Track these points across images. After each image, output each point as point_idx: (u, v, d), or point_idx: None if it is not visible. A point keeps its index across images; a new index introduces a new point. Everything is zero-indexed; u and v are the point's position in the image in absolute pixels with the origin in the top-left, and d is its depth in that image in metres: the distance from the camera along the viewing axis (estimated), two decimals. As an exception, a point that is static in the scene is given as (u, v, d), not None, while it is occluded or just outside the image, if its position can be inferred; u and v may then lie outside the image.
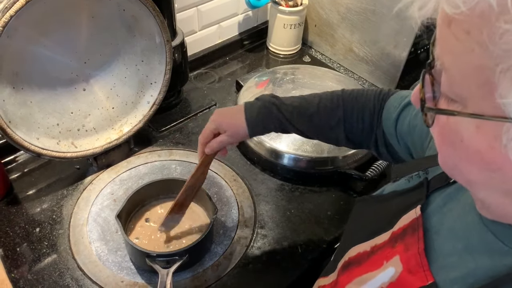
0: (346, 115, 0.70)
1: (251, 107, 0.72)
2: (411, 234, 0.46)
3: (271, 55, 1.38)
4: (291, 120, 0.71)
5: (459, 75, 0.31)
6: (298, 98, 0.73)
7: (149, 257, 0.76)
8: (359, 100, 0.71)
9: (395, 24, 1.13)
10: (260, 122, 0.71)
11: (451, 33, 0.30)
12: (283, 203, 0.94)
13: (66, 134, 0.91)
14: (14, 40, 0.76)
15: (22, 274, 0.80)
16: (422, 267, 0.43)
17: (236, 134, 0.72)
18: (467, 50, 0.29)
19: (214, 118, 0.73)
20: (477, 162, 0.33)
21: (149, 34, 0.92)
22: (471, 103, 0.31)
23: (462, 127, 0.32)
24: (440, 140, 0.36)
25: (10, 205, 0.91)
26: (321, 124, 0.71)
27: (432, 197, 0.49)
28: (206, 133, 0.73)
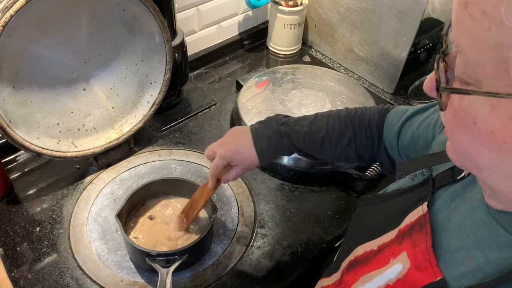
0: (355, 133, 0.72)
1: (260, 139, 0.71)
2: (418, 230, 0.46)
3: (271, 55, 1.39)
4: (303, 148, 0.72)
5: (475, 55, 0.31)
6: (306, 121, 0.73)
7: (149, 257, 0.76)
8: (365, 117, 0.73)
9: (395, 24, 1.13)
10: (272, 153, 0.72)
11: (467, 14, 0.30)
12: (283, 202, 0.94)
13: (66, 134, 0.91)
14: (14, 39, 0.76)
15: (22, 273, 0.80)
16: (430, 263, 0.43)
17: (249, 166, 0.73)
18: (484, 29, 0.29)
19: (223, 153, 0.71)
20: (489, 144, 0.33)
21: (149, 34, 0.92)
22: (486, 83, 0.31)
23: (476, 107, 0.33)
24: (453, 124, 0.36)
25: (11, 205, 0.91)
26: (332, 146, 0.72)
27: (437, 194, 0.49)
28: (218, 168, 0.73)
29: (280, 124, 0.72)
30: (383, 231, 0.52)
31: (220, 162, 0.72)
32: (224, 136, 0.75)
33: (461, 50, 0.32)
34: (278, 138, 0.71)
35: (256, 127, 0.72)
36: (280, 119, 0.73)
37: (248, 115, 1.04)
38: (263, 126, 0.72)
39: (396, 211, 0.52)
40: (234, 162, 0.72)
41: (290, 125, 0.72)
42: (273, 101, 1.07)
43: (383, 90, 1.26)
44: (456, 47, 0.33)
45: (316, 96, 1.08)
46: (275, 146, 0.71)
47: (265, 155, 0.71)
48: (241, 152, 0.71)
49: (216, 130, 1.11)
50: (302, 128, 0.71)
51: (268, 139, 0.71)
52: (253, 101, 1.08)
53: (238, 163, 0.72)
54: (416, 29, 1.09)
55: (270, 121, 0.73)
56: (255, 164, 0.73)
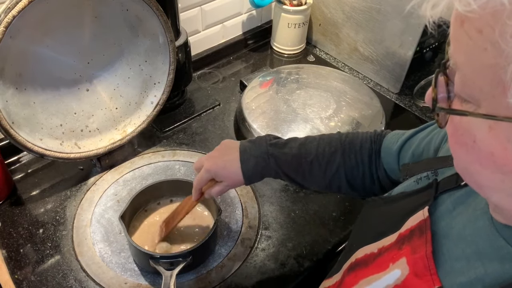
0: (345, 159, 0.69)
1: (247, 158, 0.69)
2: (418, 236, 0.45)
3: (275, 54, 1.38)
4: (289, 173, 0.70)
5: (471, 74, 0.30)
6: (296, 143, 0.70)
7: (153, 259, 0.75)
8: (356, 142, 0.70)
9: (401, 23, 1.12)
10: (257, 174, 0.70)
11: (464, 32, 0.30)
12: (288, 204, 0.94)
13: (69, 135, 0.91)
14: (17, 40, 0.76)
15: (26, 275, 0.80)
16: (429, 271, 0.42)
17: (233, 183, 0.71)
18: (480, 49, 0.28)
19: (209, 167, 0.70)
20: (489, 165, 0.33)
21: (153, 34, 0.91)
22: (484, 104, 0.30)
23: (475, 127, 0.32)
24: (454, 141, 0.36)
25: (14, 206, 0.91)
26: (321, 171, 0.69)
27: (441, 199, 0.48)
28: (202, 181, 0.72)
29: (269, 145, 0.70)
30: (384, 234, 0.52)
31: (205, 175, 0.71)
32: (214, 150, 0.73)
33: (458, 67, 0.32)
34: (265, 159, 0.69)
35: (244, 145, 0.70)
36: (270, 139, 0.71)
37: (252, 115, 1.03)
38: (252, 146, 0.70)
39: (398, 214, 0.52)
40: (219, 178, 0.71)
41: (278, 146, 0.70)
42: (277, 101, 1.07)
43: (389, 90, 1.25)
44: (453, 63, 0.32)
45: (321, 96, 1.07)
46: (261, 167, 0.69)
47: (251, 176, 0.69)
48: (228, 169, 0.70)
49: (220, 131, 1.10)
50: (291, 150, 0.69)
51: (255, 159, 0.69)
52: (257, 101, 1.07)
53: (222, 179, 0.71)
54: (421, 28, 1.08)
55: (259, 141, 0.71)
56: (240, 183, 0.70)
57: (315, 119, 1.01)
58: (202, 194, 0.75)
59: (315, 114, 1.02)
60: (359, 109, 1.05)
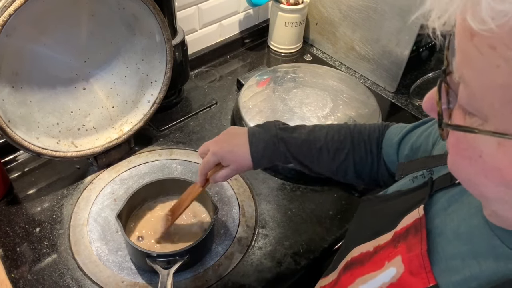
0: (354, 146, 0.70)
1: (256, 141, 0.68)
2: (414, 234, 0.46)
3: (272, 53, 1.38)
4: (298, 156, 0.69)
5: (481, 90, 0.29)
6: (305, 130, 0.71)
7: (150, 257, 0.75)
8: (364, 131, 0.71)
9: (397, 22, 1.12)
10: (266, 158, 0.69)
11: (473, 46, 0.28)
12: (285, 202, 0.94)
13: (66, 134, 0.91)
14: (13, 39, 0.76)
15: (22, 274, 0.79)
16: (424, 269, 0.42)
17: (241, 168, 0.70)
18: (492, 66, 0.27)
19: (216, 150, 0.69)
20: (494, 179, 0.32)
21: (149, 33, 0.91)
22: (492, 120, 0.29)
23: (482, 142, 0.31)
24: (455, 152, 0.35)
25: (10, 205, 0.91)
26: (329, 157, 0.70)
27: (436, 197, 0.48)
28: (208, 165, 0.71)
29: (278, 129, 0.70)
30: (380, 233, 0.52)
31: (212, 158, 0.70)
32: (220, 134, 0.73)
33: (465, 81, 0.30)
34: (275, 142, 0.69)
35: (253, 129, 0.70)
36: (279, 124, 0.71)
37: (249, 114, 1.03)
38: (261, 130, 0.70)
39: (394, 213, 0.52)
40: (225, 162, 0.70)
41: (288, 131, 0.70)
42: (274, 100, 1.07)
43: (385, 89, 1.25)
44: (459, 76, 0.31)
45: (318, 95, 1.07)
46: (271, 150, 0.69)
47: (260, 159, 0.69)
48: (235, 152, 0.69)
49: (217, 130, 1.10)
50: (300, 135, 0.69)
51: (264, 143, 0.68)
52: (254, 100, 1.07)
53: (229, 163, 0.70)
54: (418, 27, 1.09)
55: (268, 125, 0.71)
56: (247, 167, 0.70)
57: (312, 117, 1.01)
58: (207, 180, 0.74)
59: (312, 113, 1.02)
60: (356, 108, 1.06)
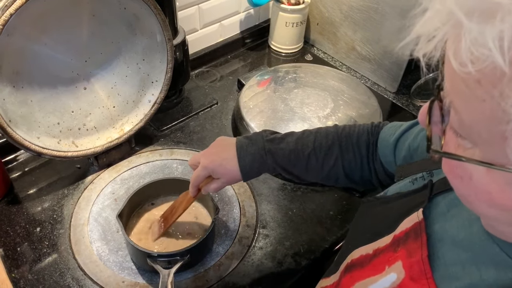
0: (342, 152, 0.69)
1: (244, 155, 0.69)
2: (413, 239, 0.45)
3: (273, 53, 1.38)
4: (286, 167, 0.70)
5: (469, 120, 0.29)
6: (293, 138, 0.70)
7: (150, 257, 0.75)
8: (353, 135, 0.70)
9: (398, 22, 1.12)
10: (255, 170, 0.70)
11: (460, 79, 0.27)
12: (285, 202, 0.94)
13: (66, 133, 0.91)
14: (14, 38, 0.76)
15: (23, 274, 0.79)
16: (425, 275, 0.42)
17: (231, 180, 0.71)
18: (478, 99, 0.27)
19: (206, 164, 0.70)
20: (486, 201, 0.32)
21: (150, 33, 0.91)
22: (481, 148, 0.29)
23: (472, 167, 0.31)
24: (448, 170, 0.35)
25: (11, 205, 0.90)
26: (318, 164, 0.69)
27: (435, 200, 0.48)
28: (199, 178, 0.72)
29: (265, 140, 0.70)
30: (380, 235, 0.51)
31: (202, 172, 0.71)
32: (210, 146, 0.73)
33: (455, 108, 0.30)
34: (262, 155, 0.69)
35: (241, 142, 0.70)
36: (266, 135, 0.71)
37: (249, 114, 1.03)
38: (248, 142, 0.70)
39: (393, 215, 0.51)
40: (216, 175, 0.71)
41: (275, 142, 0.70)
42: (275, 100, 1.07)
43: (386, 89, 1.25)
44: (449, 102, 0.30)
45: (318, 95, 1.07)
46: (258, 163, 0.69)
47: (248, 172, 0.70)
48: (224, 166, 0.69)
49: (218, 129, 1.10)
50: (288, 145, 0.69)
51: (251, 156, 0.69)
52: (254, 100, 1.07)
53: (220, 176, 0.70)
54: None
55: (256, 137, 0.71)
56: (237, 180, 0.71)
57: (313, 118, 1.01)
58: (199, 190, 0.75)
59: (313, 113, 1.02)
60: (357, 108, 1.06)
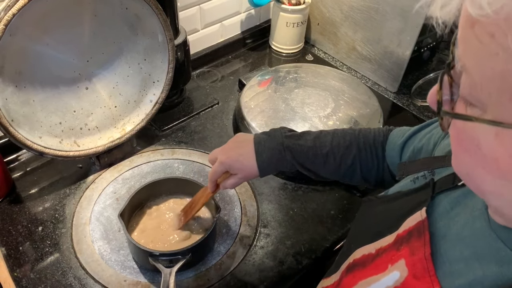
0: (360, 151, 0.70)
1: (262, 150, 0.69)
2: (417, 237, 0.45)
3: (273, 53, 1.38)
4: (304, 163, 0.70)
5: (480, 79, 0.29)
6: (311, 136, 0.71)
7: (152, 256, 0.75)
8: (369, 136, 0.71)
9: (399, 22, 1.12)
10: (272, 166, 0.70)
11: (474, 35, 0.29)
12: (286, 202, 0.94)
13: (68, 133, 0.91)
14: (17, 38, 0.76)
15: (25, 273, 0.80)
16: (428, 273, 0.42)
17: (248, 176, 0.72)
18: (491, 53, 0.28)
19: (223, 160, 0.70)
20: (492, 171, 0.32)
21: (152, 33, 0.91)
22: (491, 109, 0.30)
23: (480, 133, 0.32)
24: (456, 144, 0.35)
25: (13, 204, 0.91)
26: (336, 163, 0.70)
27: (438, 199, 0.48)
28: (216, 174, 0.72)
29: (284, 136, 0.70)
30: (382, 235, 0.52)
31: (219, 168, 0.71)
32: (228, 142, 0.74)
33: (466, 70, 0.31)
34: (281, 150, 0.69)
35: (259, 138, 0.71)
36: (285, 132, 0.71)
37: (250, 114, 1.03)
38: (267, 138, 0.71)
39: (395, 214, 0.52)
40: (233, 170, 0.71)
41: (294, 138, 0.70)
42: (275, 100, 1.07)
43: (386, 89, 1.26)
44: (461, 66, 0.31)
45: (319, 95, 1.08)
46: (276, 158, 0.69)
47: (266, 168, 0.70)
48: (242, 161, 0.70)
49: (219, 129, 1.10)
50: (306, 142, 0.70)
51: (270, 152, 0.69)
52: (255, 100, 1.08)
53: (237, 171, 0.71)
54: (419, 28, 1.09)
55: (274, 133, 0.71)
56: (254, 175, 0.71)
57: (314, 117, 1.02)
58: (218, 185, 0.75)
59: (314, 113, 1.03)
60: (357, 108, 1.06)
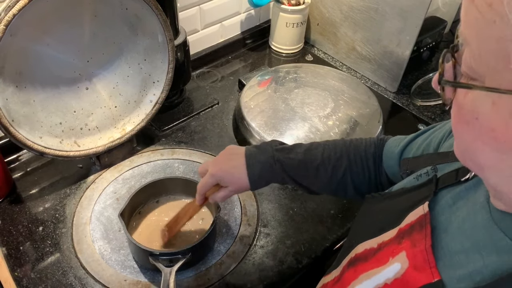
0: (351, 163, 0.70)
1: (253, 163, 0.69)
2: (418, 230, 0.46)
3: (273, 54, 1.38)
4: (295, 177, 0.70)
5: (479, 48, 0.32)
6: (301, 149, 0.71)
7: (152, 256, 0.76)
8: (360, 147, 0.71)
9: (398, 22, 1.12)
10: (263, 179, 0.70)
11: (474, 6, 0.31)
12: (286, 201, 0.94)
13: (69, 133, 0.91)
14: (17, 38, 0.76)
15: (25, 273, 0.80)
16: (428, 264, 0.43)
17: (239, 189, 0.71)
18: (489, 22, 0.30)
19: (214, 172, 0.70)
20: (489, 142, 0.34)
21: (152, 33, 0.92)
22: (488, 79, 0.32)
23: (479, 103, 0.33)
24: (457, 120, 0.37)
25: (13, 204, 0.91)
26: (327, 175, 0.70)
27: (440, 194, 0.49)
28: (207, 186, 0.72)
29: (274, 150, 0.70)
30: (384, 230, 0.52)
31: (210, 180, 0.71)
32: (219, 155, 0.73)
33: (467, 42, 0.33)
34: (272, 164, 0.69)
35: (250, 151, 0.71)
36: (275, 145, 0.71)
37: (250, 114, 1.04)
38: (258, 151, 0.70)
39: (398, 210, 0.52)
40: (224, 183, 0.71)
41: (285, 151, 0.70)
42: (275, 100, 1.07)
43: (386, 89, 1.26)
44: (463, 40, 0.34)
45: (319, 95, 1.08)
46: (267, 172, 0.69)
47: (257, 181, 0.70)
48: (233, 174, 0.70)
49: (219, 129, 1.10)
50: (297, 155, 0.70)
51: (261, 165, 0.69)
52: (255, 100, 1.08)
53: (228, 184, 0.71)
54: (419, 28, 1.09)
55: (265, 147, 0.71)
56: (245, 188, 0.71)
57: (313, 117, 1.02)
58: (206, 198, 0.74)
59: (313, 113, 1.03)
60: (357, 108, 1.06)
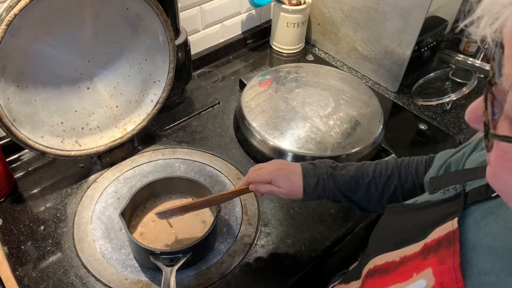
0: (402, 181, 0.71)
1: (309, 175, 0.72)
2: (446, 247, 0.44)
3: (274, 53, 1.39)
4: (347, 194, 0.72)
5: None
6: (353, 166, 0.73)
7: (153, 255, 0.76)
8: (412, 165, 0.72)
9: (399, 22, 1.12)
10: (316, 193, 0.72)
11: None
12: (287, 201, 0.94)
13: (70, 133, 0.92)
14: (19, 38, 0.77)
15: (27, 272, 0.80)
16: (456, 283, 0.41)
17: (291, 193, 0.73)
18: None
19: (272, 170, 0.73)
20: None
21: (153, 33, 0.92)
22: None
23: None
24: (499, 164, 0.34)
25: (15, 203, 0.91)
26: (378, 192, 0.71)
27: (469, 210, 0.47)
28: (259, 178, 0.74)
29: (328, 166, 0.73)
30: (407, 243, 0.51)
31: (267, 176, 0.73)
32: (270, 162, 0.76)
33: None
34: (325, 179, 0.72)
35: (306, 165, 0.74)
36: (329, 162, 0.74)
37: (251, 114, 1.04)
38: (313, 166, 0.74)
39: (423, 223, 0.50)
40: (277, 183, 0.72)
41: (337, 168, 0.73)
42: (276, 99, 1.07)
43: (387, 89, 1.26)
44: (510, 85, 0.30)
45: (320, 95, 1.08)
46: (321, 186, 0.72)
47: (311, 193, 0.72)
48: (290, 178, 0.72)
49: (220, 129, 1.11)
50: (348, 172, 0.72)
51: (316, 178, 0.72)
52: (256, 100, 1.08)
53: (282, 185, 0.72)
54: (419, 28, 1.09)
55: (319, 163, 0.74)
56: (296, 195, 0.73)
57: (314, 117, 1.02)
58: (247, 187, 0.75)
59: (314, 113, 1.03)
60: (358, 108, 1.06)
